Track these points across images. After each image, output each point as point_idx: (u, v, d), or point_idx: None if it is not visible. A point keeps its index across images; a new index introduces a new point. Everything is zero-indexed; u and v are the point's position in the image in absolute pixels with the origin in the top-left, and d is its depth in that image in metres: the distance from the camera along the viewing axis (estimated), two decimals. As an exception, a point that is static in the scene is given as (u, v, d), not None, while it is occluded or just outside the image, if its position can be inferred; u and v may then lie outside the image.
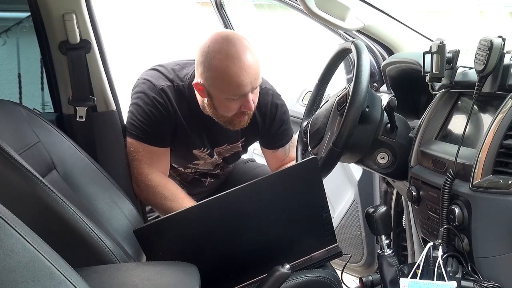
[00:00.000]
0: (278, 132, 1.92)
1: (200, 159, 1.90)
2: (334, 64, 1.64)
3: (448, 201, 1.18)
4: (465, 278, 1.15)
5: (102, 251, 1.25)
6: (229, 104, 1.67)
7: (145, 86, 1.77)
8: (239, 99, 1.65)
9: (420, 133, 1.38)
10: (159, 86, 1.75)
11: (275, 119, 1.89)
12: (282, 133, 1.93)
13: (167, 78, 1.78)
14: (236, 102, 1.66)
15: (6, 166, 1.16)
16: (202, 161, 1.91)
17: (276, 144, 1.95)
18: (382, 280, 1.39)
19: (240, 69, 1.60)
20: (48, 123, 1.59)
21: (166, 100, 1.75)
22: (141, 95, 1.77)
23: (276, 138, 1.94)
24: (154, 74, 1.79)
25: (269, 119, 1.88)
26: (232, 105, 1.67)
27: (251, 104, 1.66)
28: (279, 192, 1.36)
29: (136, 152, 1.77)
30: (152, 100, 1.74)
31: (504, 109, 1.12)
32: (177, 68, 1.81)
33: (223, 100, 1.67)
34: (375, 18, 1.85)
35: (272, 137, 1.93)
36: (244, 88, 1.62)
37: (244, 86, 1.62)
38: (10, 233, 0.76)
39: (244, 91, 1.63)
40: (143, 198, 1.81)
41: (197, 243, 1.34)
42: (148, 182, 1.77)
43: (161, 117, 1.75)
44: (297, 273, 1.39)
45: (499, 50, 1.15)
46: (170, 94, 1.75)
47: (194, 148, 1.85)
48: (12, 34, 2.53)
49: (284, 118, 1.91)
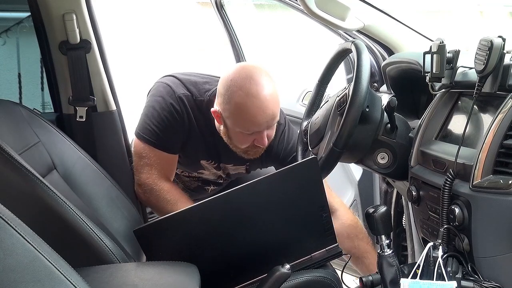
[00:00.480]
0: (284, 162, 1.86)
1: (206, 170, 1.91)
2: (334, 64, 1.64)
3: (448, 201, 1.18)
4: (465, 278, 1.15)
5: (102, 251, 1.25)
6: (243, 137, 1.68)
7: (164, 90, 1.76)
8: (253, 134, 1.66)
9: (420, 133, 1.38)
10: (178, 93, 1.74)
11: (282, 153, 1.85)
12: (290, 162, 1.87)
13: (187, 88, 1.76)
14: (250, 137, 1.67)
15: (6, 166, 1.16)
16: (208, 171, 1.92)
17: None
18: (382, 280, 1.39)
19: (258, 108, 1.60)
20: (48, 123, 1.59)
21: (183, 108, 1.74)
22: (159, 99, 1.75)
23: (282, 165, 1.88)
24: (174, 81, 1.78)
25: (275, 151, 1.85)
26: (246, 138, 1.68)
27: (264, 141, 1.67)
28: (279, 192, 1.36)
29: (148, 157, 1.76)
30: (169, 106, 1.73)
31: (504, 109, 1.12)
32: (200, 82, 1.80)
33: (238, 133, 1.67)
34: (375, 18, 1.85)
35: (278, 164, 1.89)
36: (260, 126, 1.64)
37: (259, 125, 1.63)
38: (10, 233, 0.76)
39: (259, 129, 1.64)
40: (145, 200, 1.81)
41: (197, 243, 1.34)
42: (154, 186, 1.76)
43: (176, 125, 1.74)
44: (297, 273, 1.40)
45: (499, 50, 1.15)
46: (188, 104, 1.74)
47: (203, 159, 1.85)
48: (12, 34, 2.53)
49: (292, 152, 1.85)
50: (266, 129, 1.66)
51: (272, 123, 1.67)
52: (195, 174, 1.94)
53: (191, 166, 1.90)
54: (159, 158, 1.76)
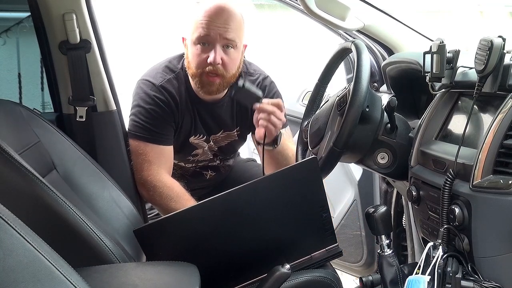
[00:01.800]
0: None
1: (198, 148, 1.91)
2: (334, 64, 1.64)
3: (448, 201, 1.18)
4: (465, 278, 1.14)
5: (102, 251, 1.25)
6: (196, 51, 1.70)
7: (145, 86, 1.79)
8: (207, 48, 1.68)
9: (420, 133, 1.38)
10: (158, 84, 1.77)
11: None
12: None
13: (163, 73, 1.80)
14: (203, 51, 1.69)
15: (6, 166, 1.16)
16: (201, 149, 1.91)
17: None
18: (382, 280, 1.39)
19: (209, 12, 1.66)
20: (48, 123, 1.59)
21: (167, 96, 1.76)
22: (142, 95, 1.78)
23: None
24: (151, 74, 1.81)
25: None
26: (199, 53, 1.70)
27: (216, 56, 1.67)
28: (279, 192, 1.36)
29: (145, 154, 1.77)
30: (154, 99, 1.76)
31: (504, 109, 1.12)
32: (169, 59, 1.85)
33: (192, 46, 1.71)
34: (375, 18, 1.85)
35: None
36: (210, 31, 1.66)
37: (208, 29, 1.66)
38: (10, 233, 0.76)
39: (208, 36, 1.67)
40: (148, 198, 1.82)
41: (197, 243, 1.34)
42: (156, 182, 1.77)
43: (165, 114, 1.76)
44: (297, 273, 1.39)
45: (499, 50, 1.15)
46: (170, 88, 1.77)
47: (190, 136, 1.86)
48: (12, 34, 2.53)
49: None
50: (218, 42, 1.68)
51: (226, 35, 1.68)
52: (191, 159, 1.93)
53: (183, 149, 1.89)
54: (156, 153, 1.78)
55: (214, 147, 1.94)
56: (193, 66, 1.73)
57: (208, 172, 2.02)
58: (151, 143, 1.77)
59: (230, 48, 1.71)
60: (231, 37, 1.69)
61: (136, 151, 1.79)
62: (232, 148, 2.01)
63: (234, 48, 1.72)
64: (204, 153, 1.94)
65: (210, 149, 1.94)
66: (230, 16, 1.69)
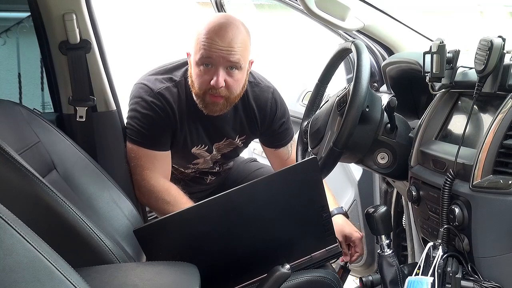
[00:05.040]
0: (278, 130, 1.92)
1: (200, 157, 1.89)
2: (334, 64, 1.64)
3: (448, 201, 1.18)
4: (465, 278, 1.15)
5: (102, 251, 1.25)
6: (199, 72, 1.66)
7: (142, 91, 1.76)
8: (210, 69, 1.65)
9: (420, 133, 1.38)
10: (156, 90, 1.74)
11: (275, 117, 1.88)
12: (283, 132, 1.93)
13: (163, 79, 1.77)
14: (206, 72, 1.65)
15: (6, 166, 1.16)
16: (202, 159, 1.90)
17: (277, 143, 1.94)
18: (382, 280, 1.39)
19: (213, 32, 1.62)
20: (48, 123, 1.59)
21: (164, 103, 1.73)
22: (139, 100, 1.75)
23: (277, 137, 1.94)
24: (150, 79, 1.78)
25: (269, 116, 1.87)
26: (202, 74, 1.66)
27: (218, 79, 1.63)
28: (279, 192, 1.36)
29: (138, 158, 1.76)
30: (150, 104, 1.73)
31: (504, 109, 1.12)
32: (172, 68, 1.82)
33: (195, 66, 1.67)
34: (375, 18, 1.85)
35: (272, 136, 1.93)
36: (212, 54, 1.62)
37: (212, 52, 1.62)
38: (10, 233, 0.76)
39: (210, 59, 1.63)
40: (145, 203, 1.81)
41: (197, 243, 1.34)
42: (151, 187, 1.75)
43: (160, 121, 1.74)
44: (297, 273, 1.39)
45: (499, 50, 1.15)
46: (168, 96, 1.74)
47: (193, 146, 1.84)
48: (12, 34, 2.53)
49: (285, 117, 1.91)
50: (221, 65, 1.64)
51: (230, 58, 1.63)
52: (191, 166, 1.92)
53: (184, 159, 1.88)
54: (150, 158, 1.76)
55: (217, 155, 1.92)
56: (196, 86, 1.70)
57: (208, 176, 2.01)
58: (144, 147, 1.75)
59: (234, 70, 1.66)
60: (235, 59, 1.64)
61: (130, 155, 1.78)
62: (235, 153, 2.00)
63: (238, 69, 1.67)
64: (205, 162, 1.93)
65: (212, 159, 1.93)
66: (235, 37, 1.63)
